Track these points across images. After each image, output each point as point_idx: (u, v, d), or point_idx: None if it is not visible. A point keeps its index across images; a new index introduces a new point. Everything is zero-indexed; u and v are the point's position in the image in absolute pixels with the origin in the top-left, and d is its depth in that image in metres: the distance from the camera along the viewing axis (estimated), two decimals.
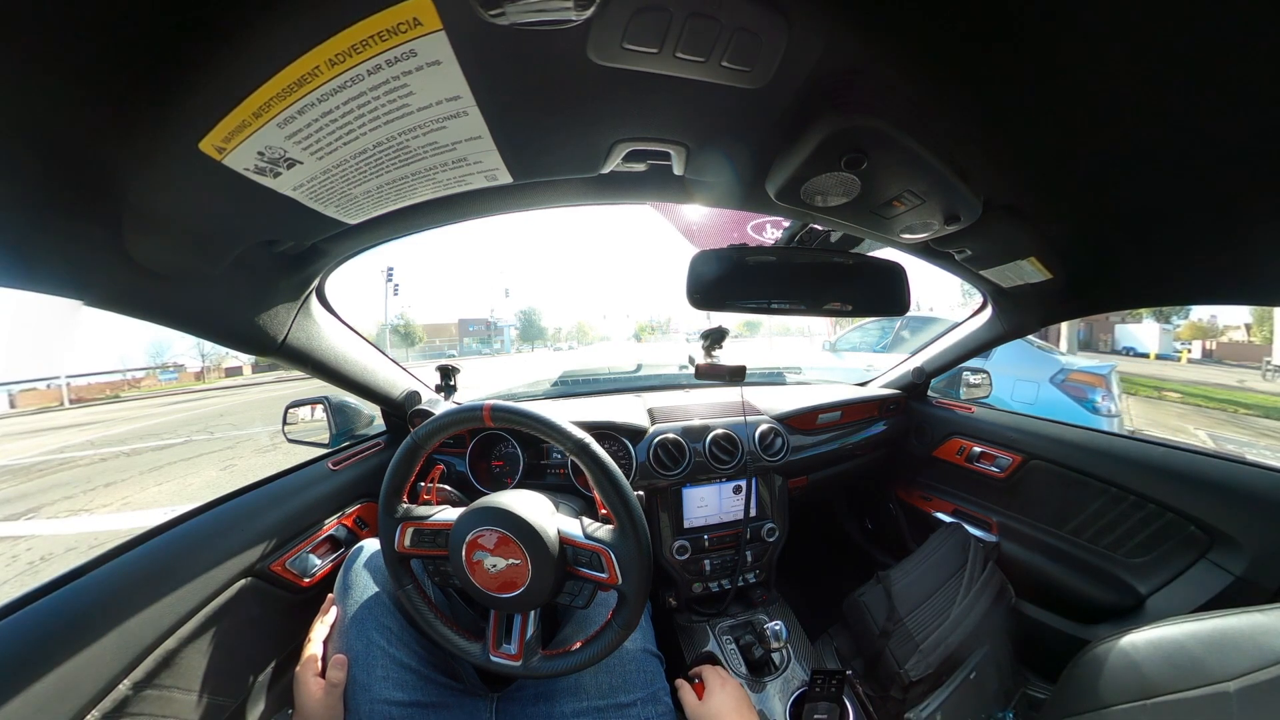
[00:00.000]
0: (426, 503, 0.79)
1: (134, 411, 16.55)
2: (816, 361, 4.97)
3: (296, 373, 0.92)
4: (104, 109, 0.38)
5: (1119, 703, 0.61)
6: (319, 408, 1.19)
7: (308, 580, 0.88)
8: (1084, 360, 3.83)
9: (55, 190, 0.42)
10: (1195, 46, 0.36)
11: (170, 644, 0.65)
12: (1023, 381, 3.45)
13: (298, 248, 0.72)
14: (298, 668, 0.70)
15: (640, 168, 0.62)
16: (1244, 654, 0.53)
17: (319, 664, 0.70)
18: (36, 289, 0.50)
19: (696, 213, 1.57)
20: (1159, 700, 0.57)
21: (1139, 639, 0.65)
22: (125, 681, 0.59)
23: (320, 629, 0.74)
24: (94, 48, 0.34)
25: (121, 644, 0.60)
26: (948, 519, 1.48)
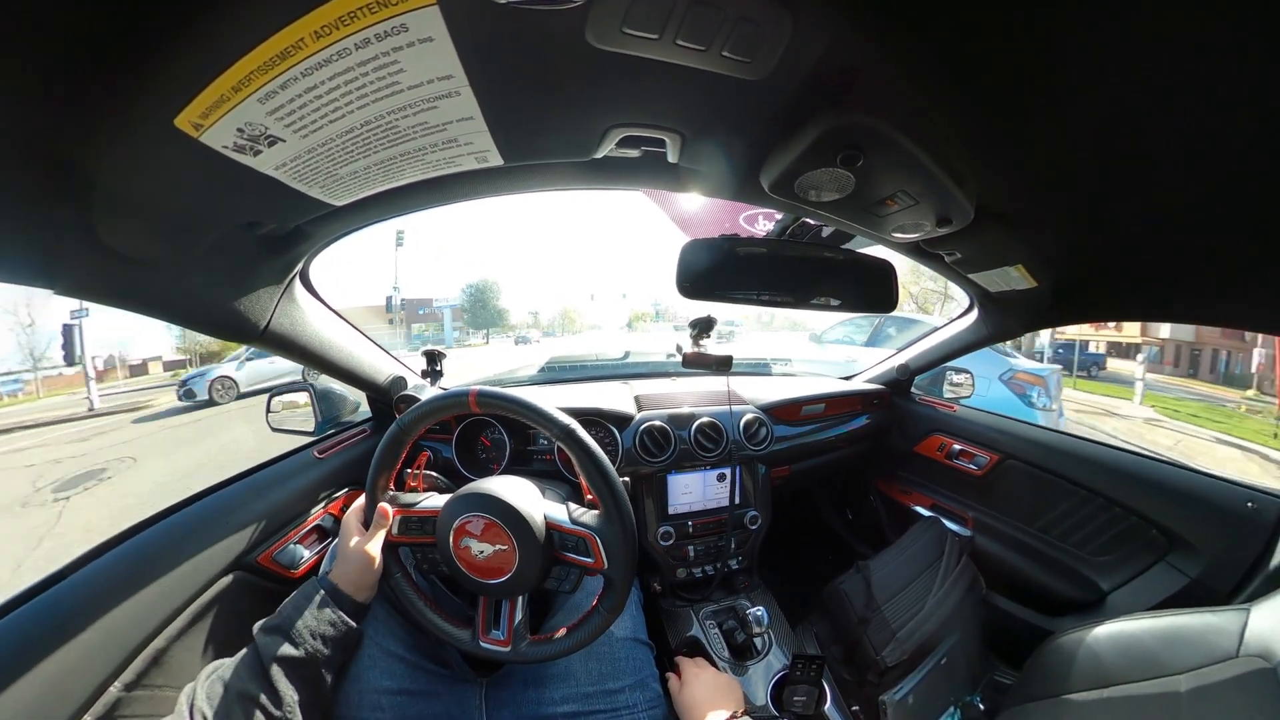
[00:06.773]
0: (413, 490, 0.78)
1: None
2: (796, 353, 5.11)
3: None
4: (72, 83, 0.36)
5: (1078, 690, 0.64)
6: (304, 395, 1.17)
7: (296, 572, 0.87)
8: (1029, 363, 4.55)
9: (20, 171, 0.40)
10: (1194, 61, 0.36)
11: (159, 643, 0.64)
12: (976, 378, 3.72)
13: (280, 230, 0.69)
14: (348, 513, 0.74)
15: (634, 154, 0.61)
16: (1195, 649, 0.57)
17: (363, 514, 0.73)
18: (2, 278, 0.48)
19: (689, 201, 1.56)
20: (1115, 689, 0.61)
21: (1099, 632, 0.68)
22: (116, 683, 0.58)
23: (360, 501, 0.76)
24: (60, 16, 0.32)
25: (109, 645, 0.59)
26: (926, 513, 1.52)
